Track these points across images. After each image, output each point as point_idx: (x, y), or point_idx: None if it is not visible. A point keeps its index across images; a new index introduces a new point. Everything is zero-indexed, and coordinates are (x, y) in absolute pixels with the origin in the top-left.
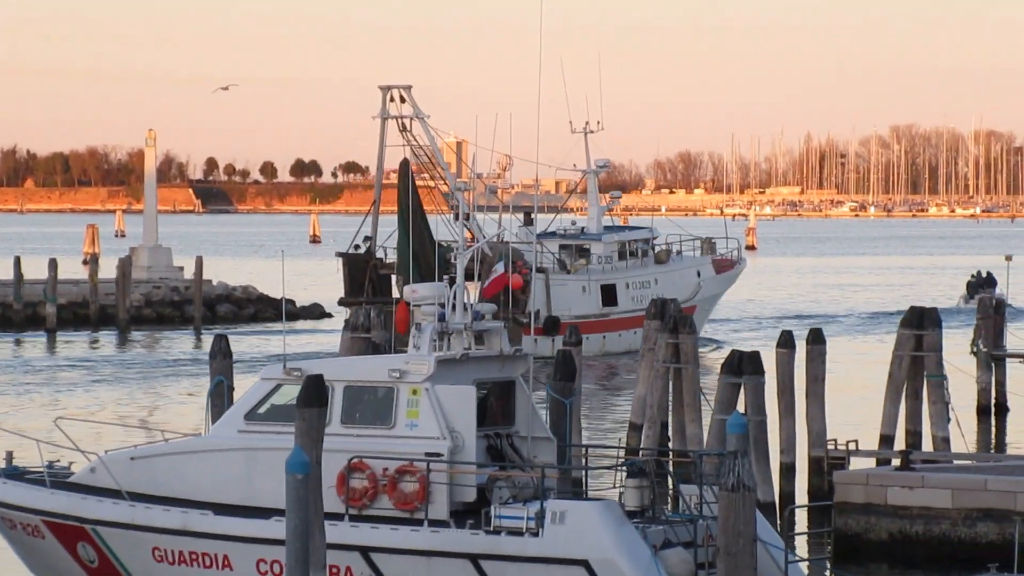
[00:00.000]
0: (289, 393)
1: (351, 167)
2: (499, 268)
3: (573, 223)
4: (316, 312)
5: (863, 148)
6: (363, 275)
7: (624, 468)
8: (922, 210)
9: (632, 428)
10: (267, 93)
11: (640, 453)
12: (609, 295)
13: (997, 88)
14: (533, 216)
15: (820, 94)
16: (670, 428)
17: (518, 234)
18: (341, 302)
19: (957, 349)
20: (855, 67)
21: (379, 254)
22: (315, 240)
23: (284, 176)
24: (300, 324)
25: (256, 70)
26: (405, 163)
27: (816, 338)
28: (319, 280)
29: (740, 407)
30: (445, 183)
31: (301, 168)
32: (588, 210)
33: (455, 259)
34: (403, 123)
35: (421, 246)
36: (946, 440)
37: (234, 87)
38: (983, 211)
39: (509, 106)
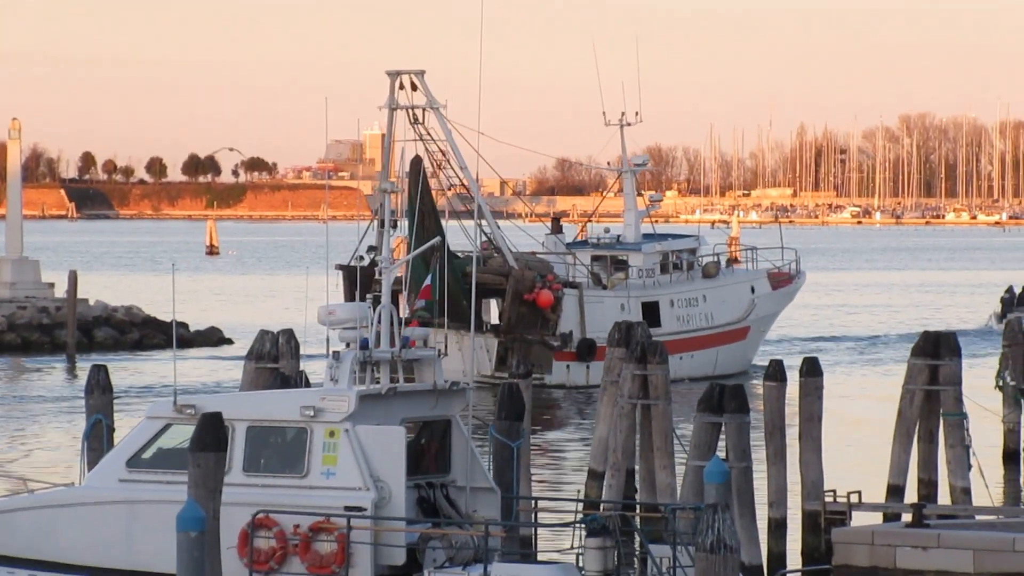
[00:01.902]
0: (181, 434)
1: (256, 164)
2: (427, 280)
3: (606, 230)
4: (213, 338)
5: (867, 142)
6: (367, 292)
7: (583, 525)
8: (937, 216)
9: (592, 476)
10: (155, 76)
11: (601, 507)
12: (651, 314)
13: None
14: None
15: (815, 77)
16: (637, 477)
17: (545, 244)
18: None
19: (980, 382)
20: (857, 45)
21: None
22: (212, 251)
23: (175, 175)
24: (194, 352)
25: (142, 50)
26: (417, 161)
27: (811, 369)
28: (218, 299)
29: (721, 452)
30: (464, 185)
31: (195, 165)
32: (624, 215)
33: (471, 271)
34: (415, 114)
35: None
36: (966, 491)
37: (234, 153)
38: (1010, 217)
39: (502, 90)
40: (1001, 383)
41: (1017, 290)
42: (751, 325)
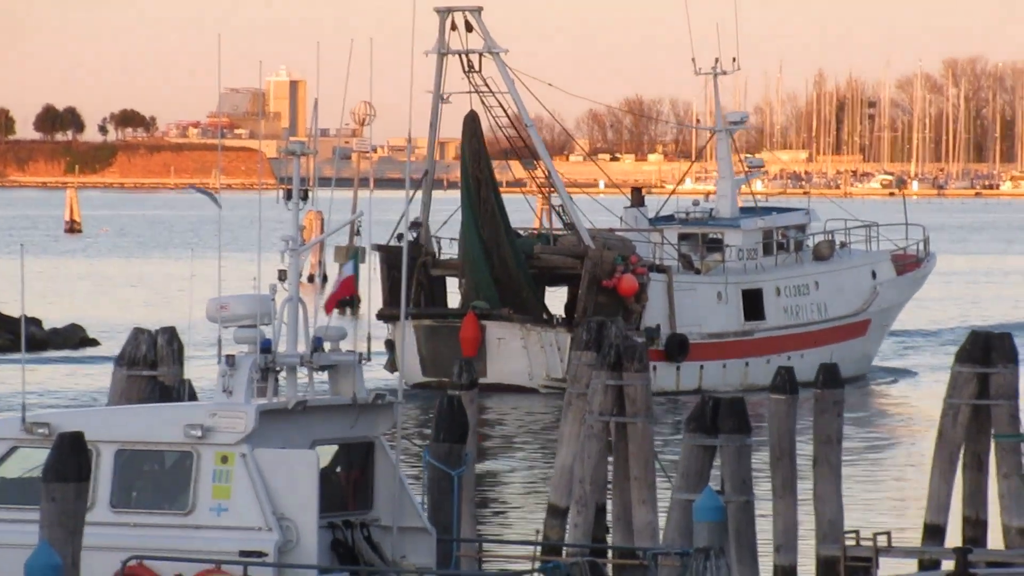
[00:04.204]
0: (30, 460)
1: (128, 118)
2: (347, 270)
3: (696, 203)
4: (75, 337)
5: (902, 93)
6: (410, 276)
7: (541, 574)
8: (990, 186)
9: (552, 513)
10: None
11: (564, 552)
12: (753, 304)
13: None
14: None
15: (837, 11)
16: (609, 513)
17: (624, 218)
18: (380, 315)
19: None
20: None
21: (432, 247)
22: (74, 228)
23: (26, 132)
24: (50, 355)
25: None
26: (473, 118)
27: (828, 379)
28: (81, 289)
29: (715, 483)
30: (528, 146)
31: (52, 120)
32: (718, 184)
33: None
34: (469, 61)
35: (494, 236)
36: (1023, 532)
37: None
38: None
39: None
40: None
41: None
42: (872, 318)
